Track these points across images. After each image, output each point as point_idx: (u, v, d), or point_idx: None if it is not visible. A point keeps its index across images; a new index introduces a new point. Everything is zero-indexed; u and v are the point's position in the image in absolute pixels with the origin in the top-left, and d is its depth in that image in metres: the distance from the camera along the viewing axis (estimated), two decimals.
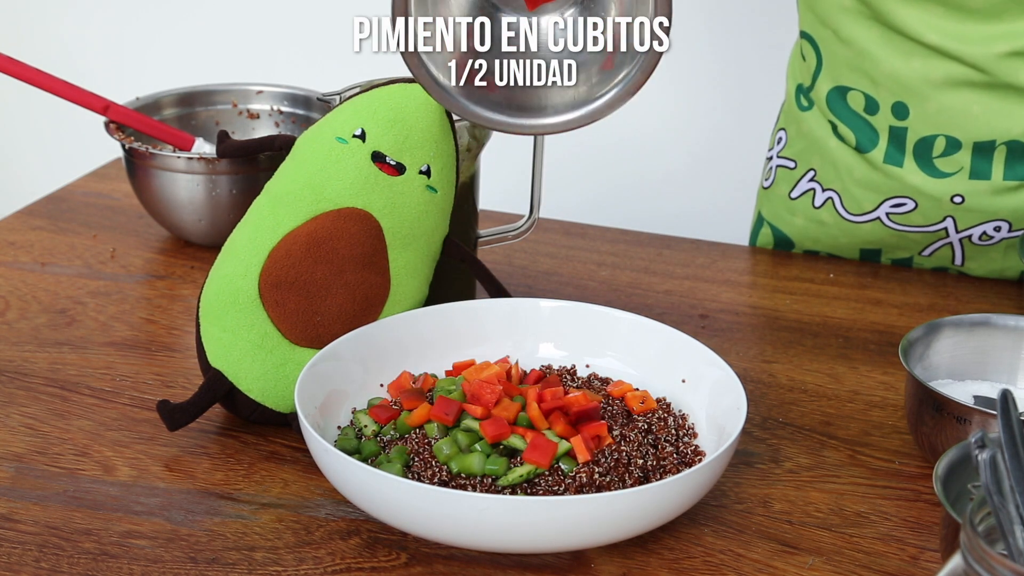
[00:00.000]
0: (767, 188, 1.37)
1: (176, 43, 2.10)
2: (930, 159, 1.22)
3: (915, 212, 1.26)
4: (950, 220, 1.25)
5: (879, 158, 1.25)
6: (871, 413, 1.07)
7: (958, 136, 1.21)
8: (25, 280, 1.25)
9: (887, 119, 1.23)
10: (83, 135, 1.84)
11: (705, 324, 1.20)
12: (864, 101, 1.24)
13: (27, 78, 1.26)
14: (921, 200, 1.25)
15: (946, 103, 1.20)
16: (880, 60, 1.21)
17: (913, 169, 1.24)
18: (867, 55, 1.22)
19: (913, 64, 1.20)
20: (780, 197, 1.35)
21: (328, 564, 0.88)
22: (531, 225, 1.22)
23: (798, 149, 1.33)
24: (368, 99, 1.04)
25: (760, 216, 1.39)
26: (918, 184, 1.24)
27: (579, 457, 0.90)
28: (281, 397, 1.00)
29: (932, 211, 1.25)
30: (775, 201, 1.36)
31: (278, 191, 1.03)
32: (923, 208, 1.25)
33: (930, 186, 1.24)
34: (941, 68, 1.19)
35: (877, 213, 1.27)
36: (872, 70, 1.22)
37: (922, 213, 1.26)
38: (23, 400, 1.06)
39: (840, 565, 0.89)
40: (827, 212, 1.31)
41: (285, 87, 1.42)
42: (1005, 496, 0.65)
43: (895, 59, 1.20)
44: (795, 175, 1.33)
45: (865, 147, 1.26)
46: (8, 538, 0.90)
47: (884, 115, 1.23)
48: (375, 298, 1.03)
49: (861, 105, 1.24)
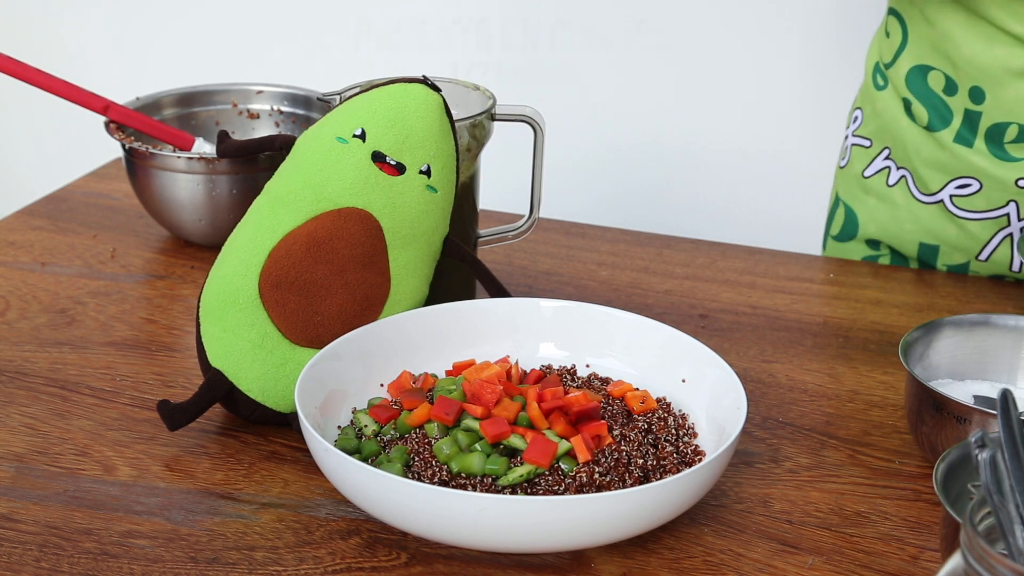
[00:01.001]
0: (843, 168, 1.39)
1: (176, 43, 2.10)
2: (1002, 143, 1.23)
3: (979, 195, 1.26)
4: (1013, 205, 1.25)
5: (949, 138, 1.26)
6: (871, 413, 1.07)
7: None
8: (25, 280, 1.25)
9: (964, 101, 1.24)
10: (83, 135, 1.84)
11: (705, 324, 1.20)
12: (944, 81, 1.25)
13: (27, 78, 1.26)
14: (986, 181, 1.25)
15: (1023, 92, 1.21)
16: (961, 44, 1.22)
17: (982, 151, 1.25)
18: (949, 37, 1.23)
19: (995, 51, 1.21)
20: (854, 176, 1.36)
21: (328, 564, 0.88)
22: (531, 225, 1.22)
23: (873, 127, 1.34)
24: (368, 99, 1.04)
25: (837, 197, 1.40)
26: (984, 166, 1.25)
27: (579, 457, 0.90)
28: (281, 397, 1.00)
29: (996, 194, 1.25)
30: (850, 180, 1.37)
31: (278, 191, 1.03)
32: (987, 190, 1.26)
33: (996, 168, 1.24)
34: (1021, 58, 1.20)
35: (941, 195, 1.28)
36: (953, 53, 1.24)
37: (986, 196, 1.26)
38: (23, 400, 1.06)
39: (840, 565, 0.89)
40: (900, 191, 1.31)
41: (285, 87, 1.42)
42: (1005, 496, 0.65)
43: (977, 44, 1.22)
44: (870, 153, 1.34)
45: (936, 126, 1.27)
46: (8, 538, 0.90)
47: (962, 97, 1.25)
48: (375, 298, 1.03)
49: (941, 85, 1.26)
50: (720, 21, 1.86)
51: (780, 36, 1.84)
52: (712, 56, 1.87)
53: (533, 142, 1.18)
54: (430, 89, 1.05)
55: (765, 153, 1.89)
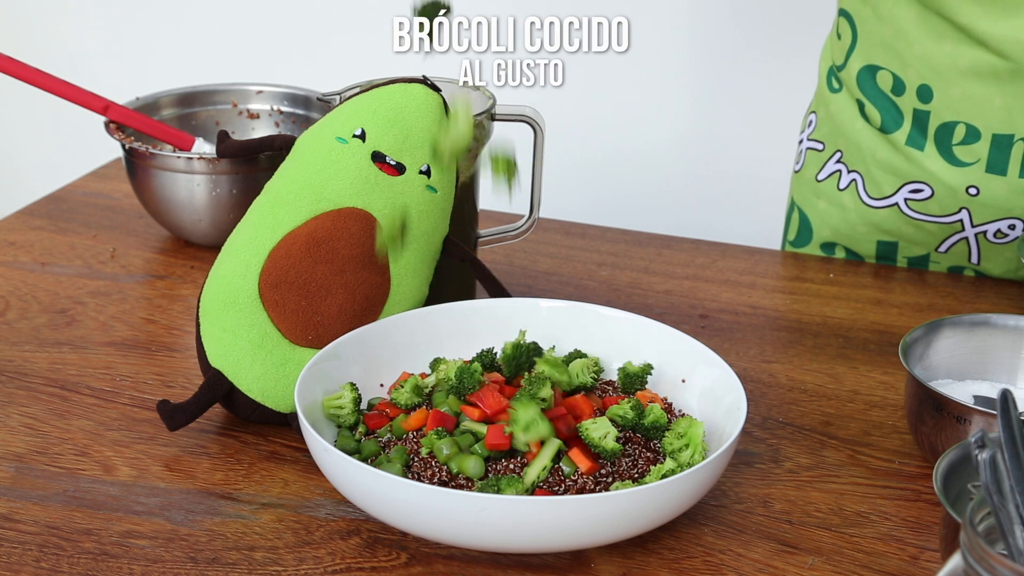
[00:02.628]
0: (797, 172, 1.39)
1: (176, 43, 2.10)
2: (949, 146, 1.23)
3: (932, 200, 1.26)
4: (965, 213, 1.25)
5: (901, 140, 1.26)
6: (871, 413, 1.07)
7: (978, 125, 1.22)
8: (25, 280, 1.25)
9: (912, 101, 1.24)
10: (83, 135, 1.84)
11: (705, 324, 1.20)
12: (892, 81, 1.25)
13: (27, 78, 1.26)
14: (938, 188, 1.25)
15: (969, 90, 1.21)
16: (913, 40, 1.23)
17: (933, 154, 1.25)
18: (902, 34, 1.23)
19: (943, 47, 1.21)
20: (808, 180, 1.37)
21: (328, 564, 0.88)
22: (531, 225, 1.22)
23: (826, 131, 1.34)
24: (368, 99, 1.04)
25: (792, 201, 1.40)
26: (936, 170, 1.25)
27: (580, 466, 0.90)
28: (281, 397, 1.00)
29: (948, 200, 1.26)
30: (804, 184, 1.38)
31: (278, 191, 1.03)
32: (939, 196, 1.26)
33: (947, 174, 1.24)
34: (969, 55, 1.20)
35: (896, 198, 1.28)
36: (904, 50, 1.24)
37: (938, 201, 1.26)
38: (23, 400, 1.06)
39: (840, 565, 0.89)
40: (849, 195, 1.32)
41: (285, 87, 1.42)
42: (1005, 496, 0.65)
43: (927, 40, 1.22)
44: (823, 157, 1.34)
45: (889, 128, 1.27)
46: (8, 538, 0.90)
47: (909, 97, 1.25)
48: (375, 298, 1.03)
49: (889, 85, 1.26)
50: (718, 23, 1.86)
51: (779, 37, 1.84)
52: (712, 56, 1.87)
53: (533, 142, 1.18)
54: (430, 89, 1.05)
55: (765, 154, 1.89)
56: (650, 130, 1.92)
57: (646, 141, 1.92)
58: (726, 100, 1.88)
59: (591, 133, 1.94)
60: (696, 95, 1.89)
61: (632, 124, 1.93)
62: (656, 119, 1.92)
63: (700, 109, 1.90)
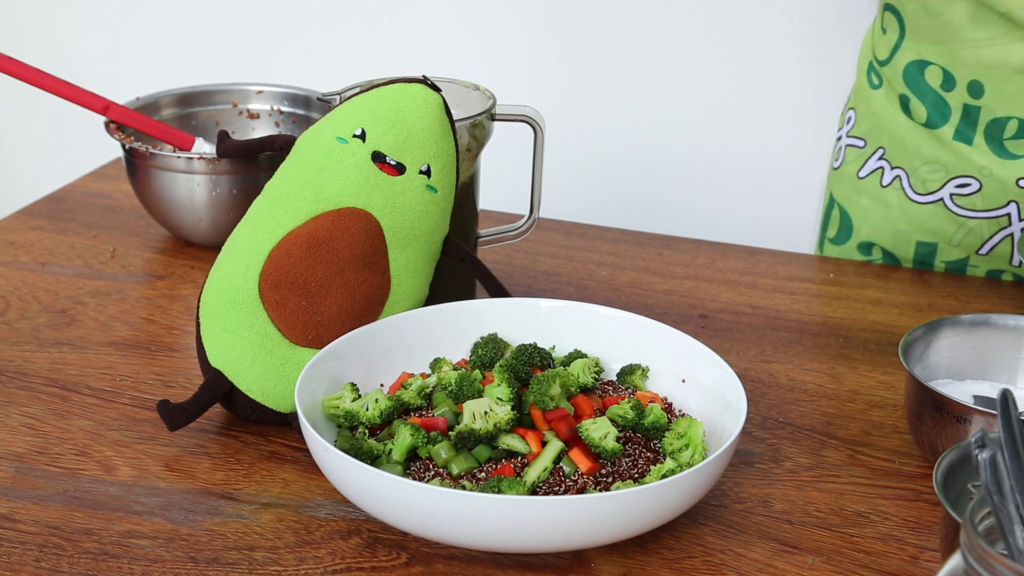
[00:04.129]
0: (837, 168, 1.38)
1: (176, 43, 2.10)
2: (1000, 140, 1.23)
3: (979, 194, 1.26)
4: (1014, 206, 1.25)
5: (949, 134, 1.26)
6: (871, 413, 1.07)
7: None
8: (25, 280, 1.25)
9: (962, 96, 1.24)
10: (83, 135, 1.84)
11: (705, 324, 1.20)
12: (942, 76, 1.25)
13: (27, 78, 1.26)
14: (986, 181, 1.25)
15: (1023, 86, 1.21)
16: (964, 36, 1.22)
17: (982, 148, 1.24)
18: (951, 29, 1.23)
19: (996, 43, 1.21)
20: (849, 177, 1.36)
21: (328, 564, 0.88)
22: (531, 225, 1.22)
23: (867, 128, 1.34)
24: (368, 99, 1.04)
25: (831, 198, 1.39)
26: (985, 164, 1.25)
27: (580, 467, 0.90)
28: (281, 397, 1.00)
29: (996, 194, 1.25)
30: (844, 181, 1.37)
31: (278, 191, 1.04)
32: (987, 190, 1.25)
33: (997, 167, 1.24)
34: (1022, 51, 1.19)
35: (941, 193, 1.27)
36: (955, 45, 1.23)
37: (986, 195, 1.26)
38: (23, 400, 1.06)
39: (840, 565, 0.89)
40: (893, 192, 1.31)
41: (285, 87, 1.42)
42: (1005, 496, 0.65)
43: (979, 35, 1.21)
44: (864, 153, 1.34)
45: (936, 123, 1.27)
46: (8, 538, 0.90)
47: (960, 92, 1.24)
48: (375, 298, 1.03)
49: (938, 80, 1.25)
50: (716, 22, 1.86)
51: (776, 37, 1.84)
52: (712, 57, 1.87)
53: (533, 142, 1.18)
54: (430, 89, 1.05)
55: (764, 154, 1.89)
56: (650, 130, 1.92)
57: (646, 141, 1.92)
58: (726, 100, 1.88)
59: (591, 133, 1.94)
60: (696, 95, 1.89)
61: (632, 124, 1.93)
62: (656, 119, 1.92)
63: (700, 109, 1.90)
